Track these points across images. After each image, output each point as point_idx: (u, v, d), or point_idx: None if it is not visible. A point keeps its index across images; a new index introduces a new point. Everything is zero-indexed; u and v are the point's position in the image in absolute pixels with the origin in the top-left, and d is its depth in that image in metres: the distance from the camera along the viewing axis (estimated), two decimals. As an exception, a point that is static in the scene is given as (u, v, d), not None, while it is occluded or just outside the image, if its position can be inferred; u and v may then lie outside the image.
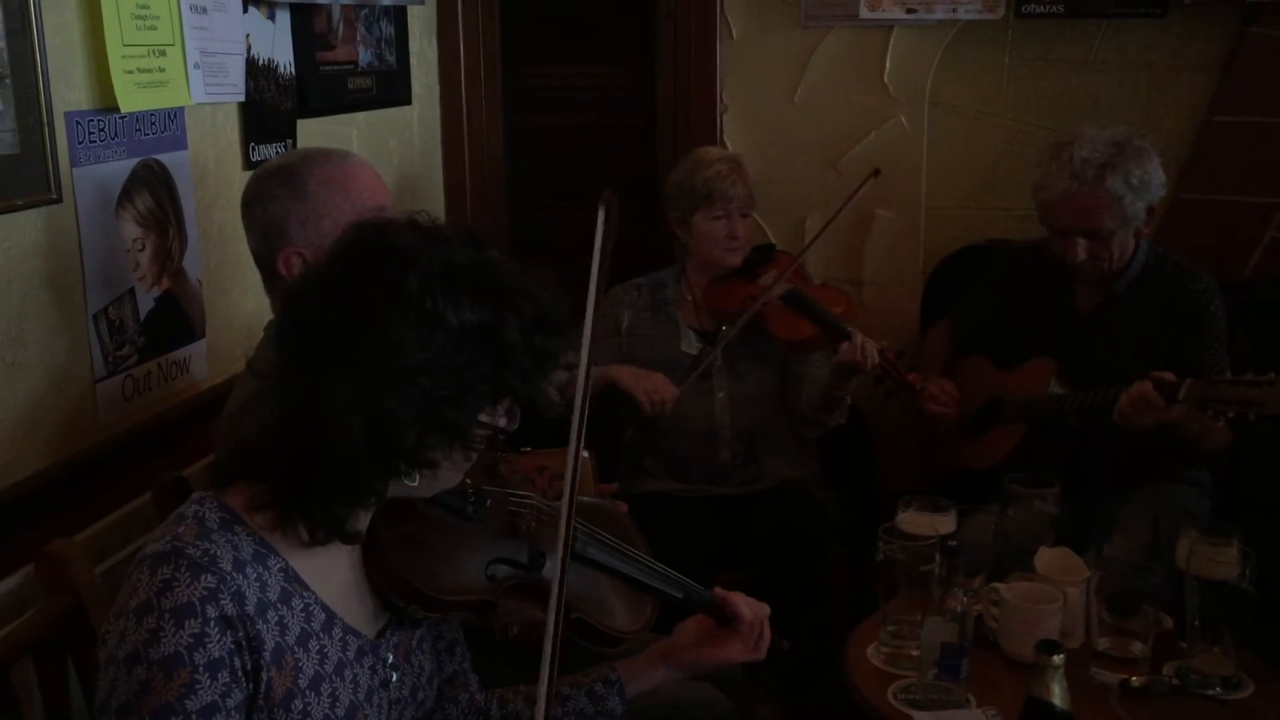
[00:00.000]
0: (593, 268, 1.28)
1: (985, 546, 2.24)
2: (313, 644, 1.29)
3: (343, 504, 1.29)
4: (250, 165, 2.32)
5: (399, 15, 3.02)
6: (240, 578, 1.22)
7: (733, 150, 3.15)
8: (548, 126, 3.47)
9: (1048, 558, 2.05)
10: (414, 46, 3.14)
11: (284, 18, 2.46)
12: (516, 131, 3.48)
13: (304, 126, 2.54)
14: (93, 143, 1.89)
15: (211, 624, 1.18)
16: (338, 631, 1.33)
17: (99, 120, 1.90)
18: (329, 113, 2.69)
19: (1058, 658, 1.54)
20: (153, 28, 1.99)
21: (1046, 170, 2.46)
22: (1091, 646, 1.94)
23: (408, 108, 3.14)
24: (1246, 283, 2.95)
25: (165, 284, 2.09)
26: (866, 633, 2.04)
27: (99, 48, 1.87)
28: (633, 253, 3.27)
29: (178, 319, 2.14)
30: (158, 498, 1.89)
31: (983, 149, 3.25)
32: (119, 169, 1.96)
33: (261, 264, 1.89)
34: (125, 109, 1.92)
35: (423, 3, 3.16)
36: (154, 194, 2.05)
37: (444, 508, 1.44)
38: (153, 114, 2.03)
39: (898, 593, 1.99)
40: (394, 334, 1.22)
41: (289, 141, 2.48)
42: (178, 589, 1.18)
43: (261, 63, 2.37)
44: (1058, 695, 1.54)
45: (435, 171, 3.37)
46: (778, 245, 3.10)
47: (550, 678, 1.16)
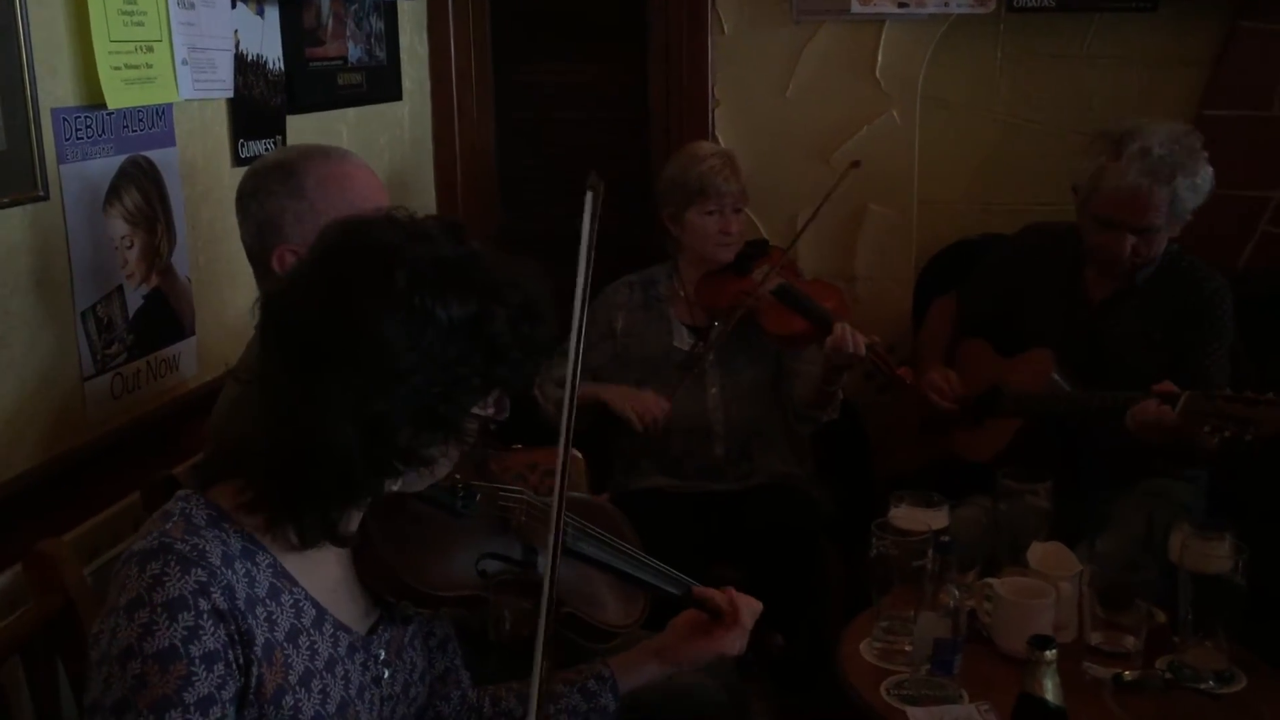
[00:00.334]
0: (580, 261, 1.26)
1: (978, 541, 2.25)
2: (303, 640, 1.29)
3: (337, 506, 1.28)
4: (240, 162, 2.31)
5: (389, 10, 3.01)
6: (229, 572, 1.22)
7: (725, 145, 3.14)
8: (539, 122, 3.46)
9: (1040, 552, 2.05)
10: (404, 42, 3.13)
11: (273, 13, 2.44)
12: (508, 127, 3.47)
13: (294, 123, 2.53)
14: (80, 139, 1.88)
15: (205, 616, 1.18)
16: (328, 627, 1.33)
17: (86, 117, 1.89)
18: (319, 109, 2.68)
19: (1050, 653, 1.54)
20: (140, 23, 1.97)
21: (1111, 164, 2.38)
22: (1084, 641, 1.95)
23: (398, 104, 3.13)
24: (1239, 276, 2.95)
25: (154, 281, 2.08)
26: (860, 628, 2.04)
27: (85, 44, 1.86)
28: (625, 248, 3.28)
29: (167, 316, 2.13)
30: (147, 496, 1.88)
31: (975, 144, 3.25)
32: (106, 166, 1.95)
33: (254, 260, 1.88)
34: (112, 105, 1.91)
35: (413, -2, 3.16)
36: (142, 191, 2.04)
37: (434, 503, 1.43)
38: (140, 110, 2.01)
39: (891, 588, 1.99)
40: (385, 334, 1.20)
41: (278, 138, 2.47)
42: (168, 583, 1.18)
43: (250, 58, 2.36)
44: (1050, 690, 1.54)
45: (427, 168, 3.36)
46: (770, 240, 3.09)
47: (541, 677, 1.15)
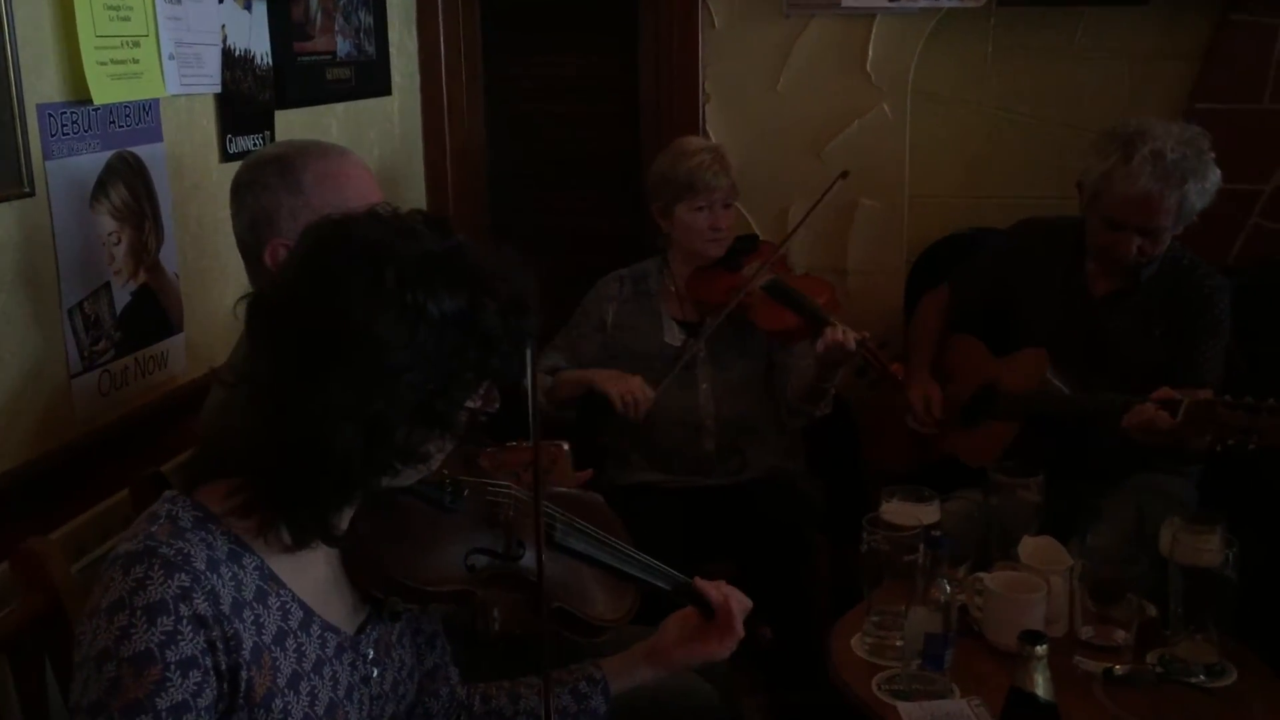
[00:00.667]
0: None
1: (969, 536, 2.24)
2: (290, 642, 1.28)
3: (334, 507, 1.28)
4: (228, 157, 2.30)
5: (378, 5, 3.00)
6: (214, 577, 1.21)
7: (715, 140, 3.14)
8: (529, 117, 3.46)
9: (1031, 547, 2.05)
10: (393, 36, 3.12)
11: (260, 8, 2.43)
12: (498, 122, 3.46)
13: (282, 118, 2.52)
14: (65, 135, 1.86)
15: (184, 622, 1.17)
16: (316, 629, 1.32)
17: (72, 112, 1.87)
18: (307, 104, 2.66)
19: (1041, 648, 1.53)
20: (126, 18, 1.96)
21: (1122, 167, 2.37)
22: (1075, 635, 1.95)
23: (387, 98, 3.11)
24: (1230, 269, 2.95)
25: (142, 278, 2.07)
26: (850, 623, 2.04)
27: (71, 39, 1.85)
28: (615, 243, 3.28)
29: (155, 313, 2.12)
30: (135, 494, 1.87)
31: (966, 138, 3.25)
32: (93, 162, 1.93)
33: (246, 253, 1.87)
34: (98, 101, 1.90)
35: (402, -8, 3.15)
36: (129, 187, 2.02)
37: (422, 498, 1.43)
38: (127, 106, 2.00)
39: (881, 583, 1.98)
40: (378, 333, 1.20)
41: (267, 133, 2.46)
42: (151, 587, 1.17)
43: (238, 53, 2.35)
44: (1041, 685, 1.53)
45: (416, 163, 3.35)
46: (761, 235, 3.09)
47: (547, 686, 1.14)
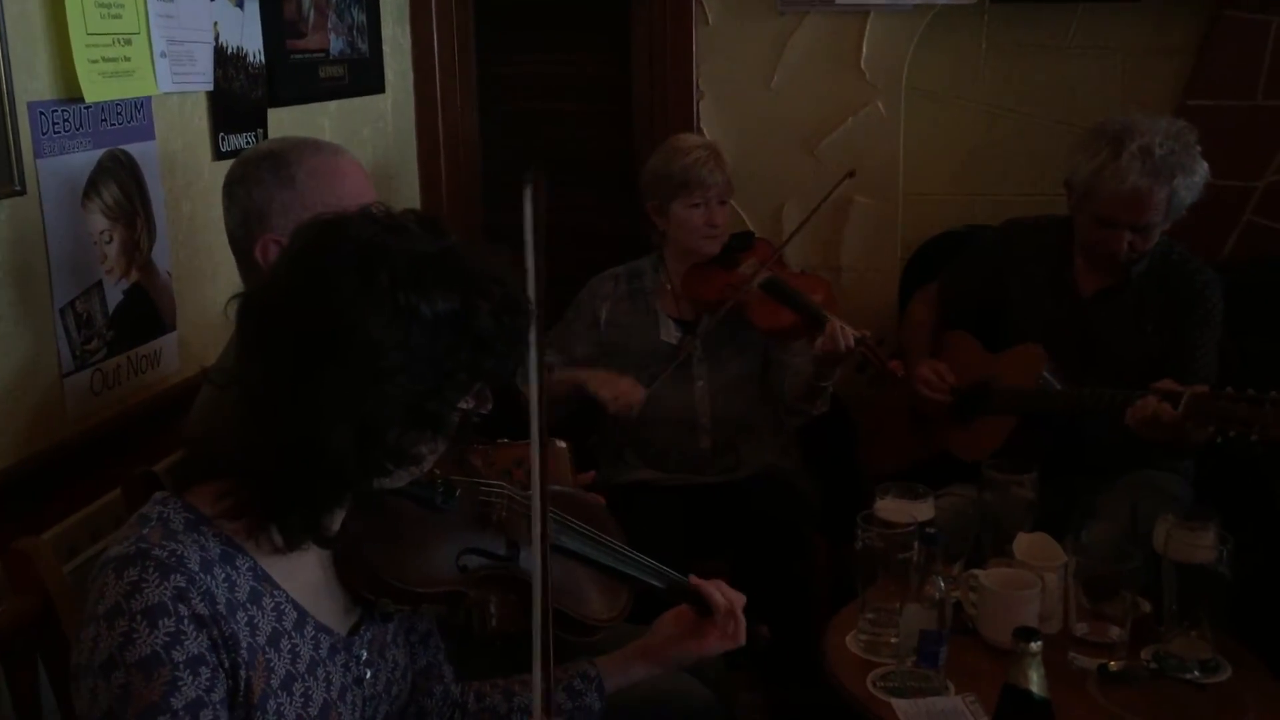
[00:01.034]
0: (528, 261, 1.20)
1: (963, 532, 2.24)
2: (284, 643, 1.28)
3: (325, 508, 1.27)
4: (220, 155, 2.29)
5: (371, 2, 2.98)
6: (208, 578, 1.20)
7: (710, 137, 3.13)
8: (523, 114, 3.45)
9: (1026, 543, 2.05)
10: (386, 34, 3.11)
11: (252, 5, 2.42)
12: (492, 120, 3.46)
13: (275, 116, 2.51)
14: (57, 133, 1.86)
15: (186, 621, 1.16)
16: (310, 630, 1.31)
17: (63, 110, 1.87)
18: (300, 101, 2.66)
19: (1035, 645, 1.53)
20: (117, 16, 1.95)
21: (1111, 164, 2.36)
22: (1070, 632, 1.95)
23: (381, 96, 3.11)
24: (1223, 265, 2.95)
25: (134, 276, 2.06)
26: (845, 621, 2.04)
27: (62, 37, 1.84)
28: (609, 241, 3.27)
29: (147, 312, 2.11)
30: (128, 493, 1.86)
31: (960, 134, 3.25)
32: (85, 160, 1.93)
33: (238, 249, 1.86)
34: (90, 99, 1.89)
35: (395, -11, 3.14)
36: (121, 185, 2.02)
37: (413, 499, 1.42)
38: (119, 104, 1.99)
39: (876, 580, 1.98)
40: (371, 334, 1.19)
41: (259, 131, 2.45)
42: (147, 590, 1.16)
43: (230, 51, 2.34)
44: (1035, 682, 1.53)
45: (410, 161, 3.34)
46: (756, 232, 3.09)
47: (546, 684, 1.14)
